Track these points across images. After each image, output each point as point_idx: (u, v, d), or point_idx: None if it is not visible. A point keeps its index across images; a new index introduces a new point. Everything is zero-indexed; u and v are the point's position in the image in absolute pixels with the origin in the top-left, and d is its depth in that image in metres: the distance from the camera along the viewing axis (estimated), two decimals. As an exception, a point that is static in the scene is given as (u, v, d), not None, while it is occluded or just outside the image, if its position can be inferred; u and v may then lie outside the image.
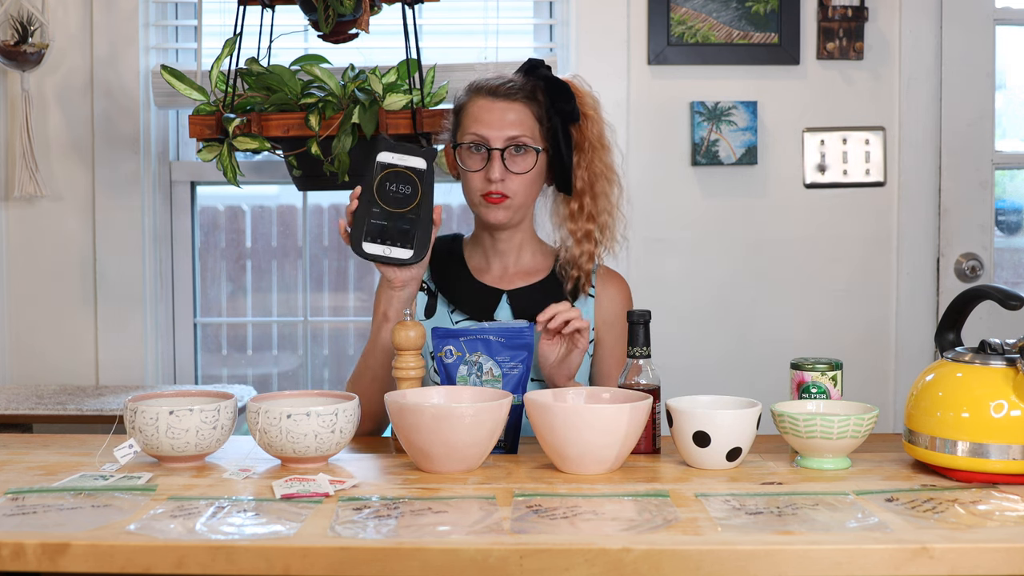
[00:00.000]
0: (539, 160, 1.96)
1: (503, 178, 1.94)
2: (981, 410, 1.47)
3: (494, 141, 1.94)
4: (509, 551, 1.21)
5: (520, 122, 1.95)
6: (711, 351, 2.88)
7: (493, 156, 1.94)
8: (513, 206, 1.96)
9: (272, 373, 3.07)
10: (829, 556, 1.21)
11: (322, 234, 3.05)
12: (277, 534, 1.26)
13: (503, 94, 1.97)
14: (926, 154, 2.86)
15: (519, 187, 1.95)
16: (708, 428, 1.55)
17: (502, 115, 1.95)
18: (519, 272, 2.03)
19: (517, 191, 1.95)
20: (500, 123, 1.95)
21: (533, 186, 1.98)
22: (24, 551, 1.23)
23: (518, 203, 1.97)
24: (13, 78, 2.78)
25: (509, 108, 1.96)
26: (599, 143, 2.02)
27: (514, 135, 1.94)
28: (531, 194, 1.99)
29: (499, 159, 1.93)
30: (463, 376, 1.75)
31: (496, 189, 1.94)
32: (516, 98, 1.96)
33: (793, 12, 2.81)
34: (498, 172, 1.93)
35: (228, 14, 2.62)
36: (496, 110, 1.96)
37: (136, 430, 1.57)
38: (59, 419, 2.43)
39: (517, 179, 1.95)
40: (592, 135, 2.02)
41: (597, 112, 2.04)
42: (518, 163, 1.95)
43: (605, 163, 2.03)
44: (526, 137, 1.95)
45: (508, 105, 1.96)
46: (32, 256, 2.86)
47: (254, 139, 2.29)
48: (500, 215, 1.96)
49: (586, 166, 2.01)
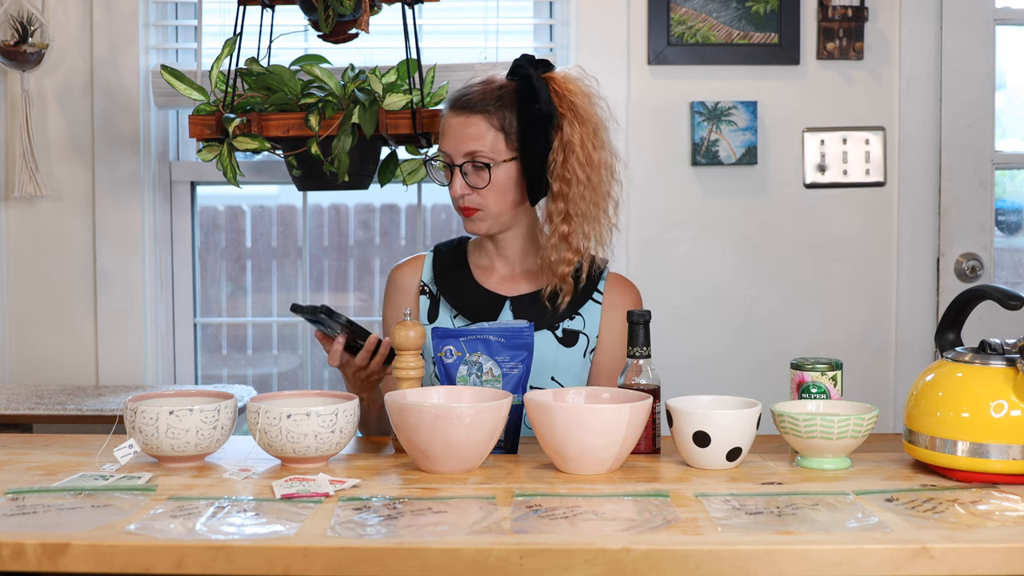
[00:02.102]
0: (502, 171, 1.92)
1: (465, 193, 1.93)
2: (981, 410, 1.47)
3: (455, 157, 1.93)
4: (509, 551, 1.21)
5: (477, 136, 1.91)
6: (711, 351, 2.88)
7: (455, 172, 1.94)
8: (488, 217, 1.95)
9: (272, 373, 3.07)
10: (829, 556, 1.21)
11: (322, 234, 3.05)
12: (277, 534, 1.26)
13: (461, 106, 1.93)
14: (926, 154, 2.86)
15: (487, 198, 1.93)
16: (708, 428, 1.55)
17: (461, 130, 1.93)
18: (525, 273, 2.03)
19: (486, 203, 1.93)
20: (459, 138, 1.93)
21: (507, 195, 1.94)
22: (24, 551, 1.23)
23: (493, 213, 1.95)
24: (13, 78, 2.78)
25: (467, 122, 1.92)
26: (581, 144, 1.92)
27: (471, 150, 1.91)
28: (505, 203, 1.94)
29: (459, 175, 1.93)
30: (463, 376, 1.75)
31: (463, 204, 1.94)
32: (475, 110, 1.92)
33: (793, 12, 2.81)
34: (458, 188, 1.93)
35: (228, 14, 2.62)
36: (455, 125, 1.94)
37: (136, 430, 1.57)
38: (59, 419, 2.43)
39: (483, 192, 1.93)
40: (572, 135, 1.92)
41: (587, 109, 1.95)
42: (477, 178, 1.93)
43: (588, 164, 1.93)
44: (483, 152, 1.91)
45: (466, 119, 1.92)
46: (32, 256, 2.86)
47: (254, 139, 2.29)
48: (477, 227, 1.96)
49: (560, 168, 1.92)
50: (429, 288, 2.03)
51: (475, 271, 2.03)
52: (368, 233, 3.08)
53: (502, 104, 1.93)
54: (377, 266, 3.08)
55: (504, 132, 1.92)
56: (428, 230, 3.00)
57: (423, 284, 2.04)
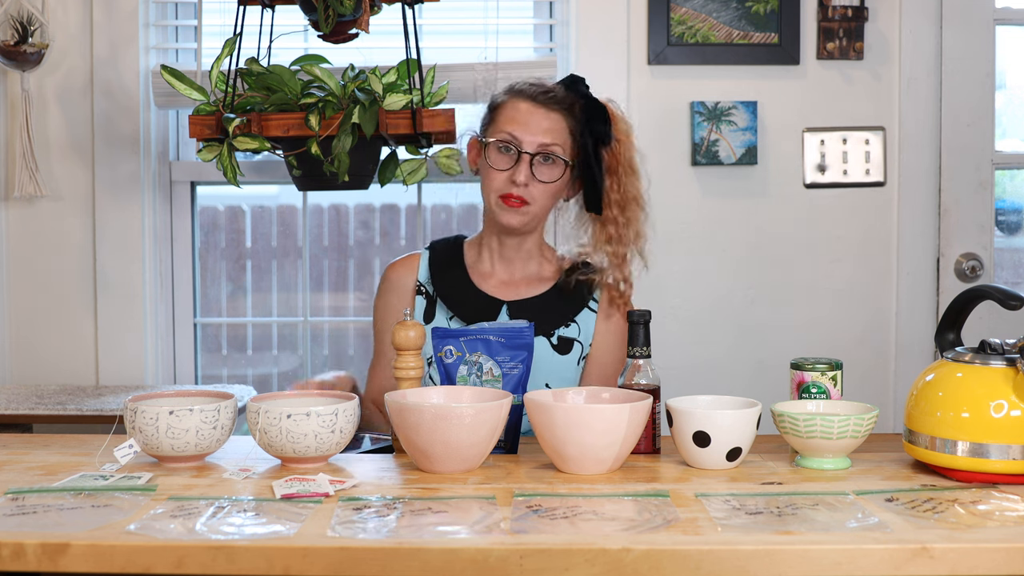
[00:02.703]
0: (565, 173, 1.96)
1: (527, 183, 1.93)
2: (981, 410, 1.47)
3: (527, 144, 1.94)
4: (509, 551, 1.21)
5: (555, 131, 1.94)
6: (711, 351, 2.88)
7: (523, 159, 1.93)
8: (530, 213, 1.96)
9: (272, 373, 3.07)
10: (829, 556, 1.21)
11: (322, 234, 3.05)
12: (277, 534, 1.26)
13: (543, 101, 1.96)
14: (926, 154, 2.86)
15: (540, 195, 1.95)
16: (708, 428, 1.55)
17: (539, 121, 1.94)
18: (524, 279, 2.03)
19: (537, 199, 1.95)
20: (536, 128, 1.94)
21: (553, 197, 1.98)
22: (24, 551, 1.23)
23: (535, 211, 1.96)
24: (13, 78, 2.78)
25: (547, 116, 1.95)
26: (630, 167, 2.01)
27: (547, 143, 1.93)
28: (549, 205, 1.98)
29: (527, 163, 1.93)
30: (463, 376, 1.75)
31: (518, 193, 1.94)
32: (555, 108, 1.95)
33: (793, 12, 2.81)
34: (524, 176, 1.93)
35: (228, 14, 2.62)
36: (534, 115, 1.95)
37: (136, 430, 1.57)
38: (59, 419, 2.43)
39: (540, 187, 1.94)
40: (624, 159, 2.00)
41: (629, 137, 2.03)
42: (545, 172, 1.94)
43: (636, 188, 2.02)
44: (558, 147, 1.94)
45: (546, 113, 1.95)
46: (32, 256, 2.86)
47: (254, 139, 2.29)
48: (515, 219, 1.96)
49: (620, 189, 2.00)
50: (425, 288, 2.03)
51: (472, 274, 2.03)
52: (368, 233, 3.08)
53: (572, 113, 1.98)
54: (377, 266, 3.08)
55: (572, 137, 1.96)
56: (428, 230, 3.00)
57: (419, 284, 2.04)
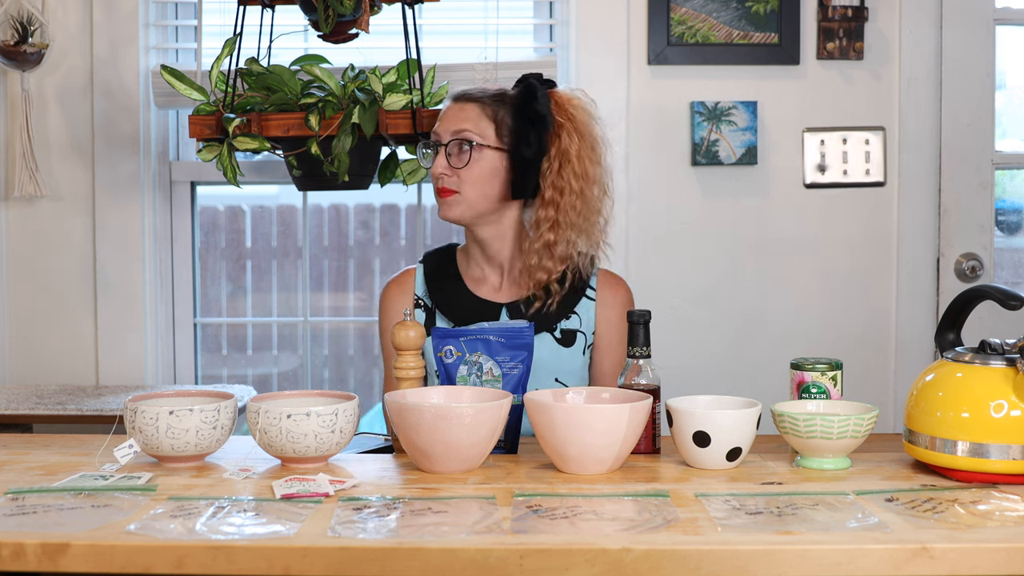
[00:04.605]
0: (485, 157, 1.94)
1: (445, 172, 1.95)
2: (981, 410, 1.47)
3: (443, 137, 1.97)
4: (509, 551, 1.21)
5: (469, 119, 1.96)
6: (711, 351, 2.88)
7: (439, 151, 1.96)
8: (464, 202, 1.95)
9: (272, 373, 3.07)
10: (829, 556, 1.21)
11: (322, 234, 3.06)
12: (277, 534, 1.26)
13: (460, 97, 2.00)
14: (926, 154, 2.86)
15: (466, 182, 1.94)
16: (708, 428, 1.55)
17: (455, 114, 1.98)
18: (516, 278, 2.02)
19: (463, 187, 1.95)
20: (450, 121, 1.97)
21: (485, 184, 1.95)
22: (24, 551, 1.23)
23: (469, 199, 1.95)
24: (13, 78, 2.78)
25: (462, 108, 1.98)
26: (578, 155, 1.95)
27: (460, 129, 1.95)
28: (483, 192, 1.95)
29: (443, 153, 1.96)
30: (463, 376, 1.75)
31: (442, 185, 1.96)
32: (473, 100, 1.98)
33: (793, 12, 2.81)
34: (441, 166, 1.95)
35: (228, 14, 2.62)
36: (451, 110, 1.99)
37: (136, 430, 1.57)
38: (59, 419, 2.43)
39: (464, 174, 1.94)
40: (570, 146, 1.95)
41: (587, 125, 1.98)
42: (459, 157, 1.95)
43: (583, 176, 1.96)
44: (471, 132, 1.94)
45: (462, 106, 1.98)
46: (32, 256, 2.86)
47: (254, 139, 2.29)
48: (450, 211, 1.97)
49: (554, 175, 1.95)
50: (424, 301, 2.03)
51: (467, 280, 2.03)
52: (368, 233, 3.09)
53: (500, 101, 1.98)
54: (377, 266, 3.08)
55: (495, 123, 1.96)
56: (428, 230, 3.00)
57: (417, 298, 2.04)
